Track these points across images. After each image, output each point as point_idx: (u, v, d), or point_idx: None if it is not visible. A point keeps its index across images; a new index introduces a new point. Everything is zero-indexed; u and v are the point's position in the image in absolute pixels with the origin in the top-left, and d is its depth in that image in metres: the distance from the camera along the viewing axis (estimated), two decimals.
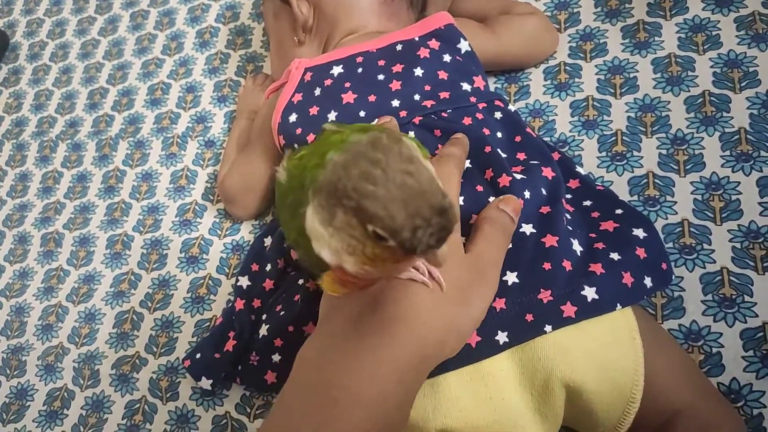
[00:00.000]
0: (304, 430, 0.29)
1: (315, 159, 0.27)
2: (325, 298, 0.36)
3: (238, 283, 0.55)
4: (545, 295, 0.38)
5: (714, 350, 0.44)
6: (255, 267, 0.55)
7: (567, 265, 0.39)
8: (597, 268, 0.39)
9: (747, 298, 0.44)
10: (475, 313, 0.34)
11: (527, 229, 0.40)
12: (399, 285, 0.32)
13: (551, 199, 0.42)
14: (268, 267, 0.54)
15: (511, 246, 0.39)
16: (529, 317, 0.37)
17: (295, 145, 0.52)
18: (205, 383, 0.51)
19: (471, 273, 0.34)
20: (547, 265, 0.39)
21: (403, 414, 0.31)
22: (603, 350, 0.38)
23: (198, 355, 0.52)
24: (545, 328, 0.37)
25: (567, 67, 0.58)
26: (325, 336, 0.33)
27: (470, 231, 0.38)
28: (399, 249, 0.23)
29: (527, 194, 0.42)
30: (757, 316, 0.44)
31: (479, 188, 0.42)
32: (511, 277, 0.39)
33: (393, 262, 0.24)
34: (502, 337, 0.37)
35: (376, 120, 0.48)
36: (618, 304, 0.38)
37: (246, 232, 0.62)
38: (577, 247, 0.41)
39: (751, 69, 0.52)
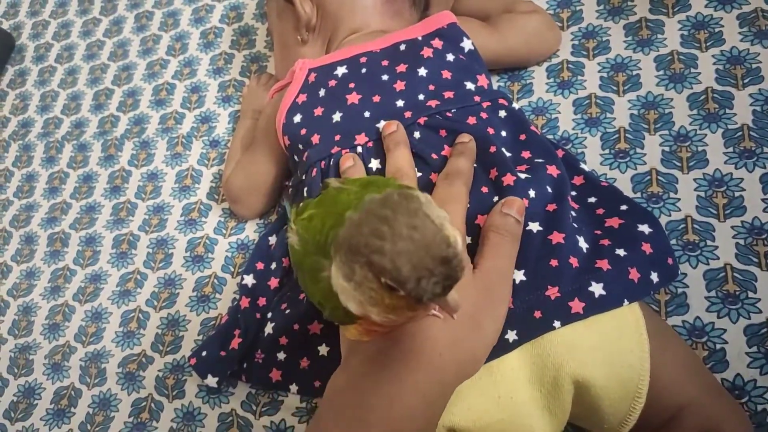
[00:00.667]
0: None
1: (332, 219, 0.28)
2: (345, 338, 0.37)
3: (243, 282, 0.55)
4: (553, 292, 0.38)
5: (718, 346, 0.44)
6: (260, 265, 0.55)
7: (574, 261, 0.39)
8: (603, 264, 0.39)
9: (751, 294, 0.44)
10: (488, 336, 0.35)
11: (534, 227, 0.40)
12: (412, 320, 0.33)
13: (557, 196, 0.43)
14: (273, 265, 0.54)
15: None
16: (538, 314, 0.37)
17: (304, 157, 0.52)
18: (211, 381, 0.52)
19: (481, 295, 0.35)
20: (554, 262, 0.39)
21: (430, 429, 0.33)
22: (611, 346, 0.38)
23: (204, 353, 0.53)
24: (554, 324, 0.37)
25: (570, 65, 0.58)
26: (351, 368, 0.34)
27: (477, 234, 0.39)
28: (409, 298, 0.25)
29: (532, 193, 0.42)
30: (761, 312, 0.44)
31: (484, 189, 0.43)
32: (519, 275, 0.39)
33: (409, 310, 0.26)
34: (511, 335, 0.37)
35: (381, 122, 0.48)
36: (625, 300, 0.39)
37: (251, 231, 0.62)
38: (583, 243, 0.41)
39: (754, 65, 0.52)
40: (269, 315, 0.53)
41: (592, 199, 0.46)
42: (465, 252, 0.27)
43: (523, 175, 0.43)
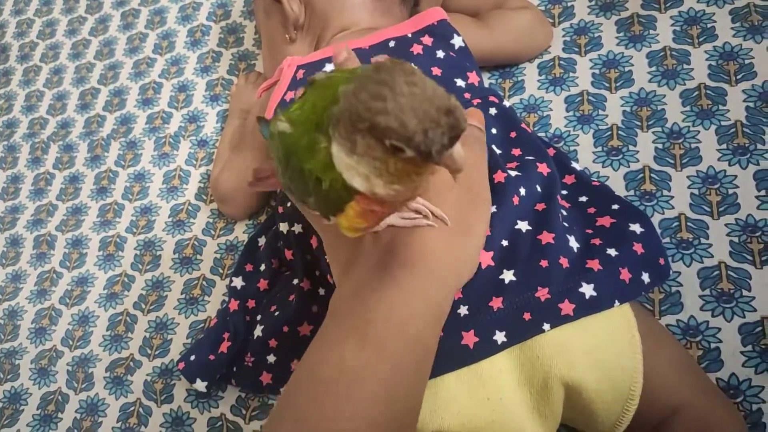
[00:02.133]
0: (340, 348, 0.31)
1: (326, 99, 0.28)
2: (336, 258, 0.37)
3: (232, 284, 0.54)
4: (543, 293, 0.37)
5: (712, 345, 0.43)
6: (249, 267, 0.55)
7: (564, 262, 0.39)
8: (594, 265, 0.39)
9: (745, 293, 0.44)
10: (479, 237, 0.36)
11: (523, 226, 0.40)
12: (407, 231, 0.33)
13: (546, 195, 0.42)
14: (263, 267, 0.54)
15: (507, 244, 0.39)
16: (527, 316, 0.37)
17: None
18: (200, 385, 0.51)
19: (465, 198, 0.35)
20: (544, 263, 0.38)
21: (434, 337, 0.34)
22: (602, 348, 0.37)
23: (192, 357, 0.52)
24: (543, 327, 0.36)
25: (561, 62, 0.58)
26: (350, 281, 0.35)
27: None
28: (417, 156, 0.24)
29: (522, 191, 0.41)
30: (755, 310, 0.43)
31: None
32: (508, 276, 0.38)
33: (416, 174, 0.26)
34: (500, 336, 0.37)
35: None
36: (616, 301, 0.38)
37: (240, 232, 0.61)
38: (573, 243, 0.40)
39: (746, 61, 0.51)
40: (258, 317, 0.52)
41: (584, 198, 0.45)
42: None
43: (513, 173, 0.42)
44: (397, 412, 0.31)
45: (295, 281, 0.51)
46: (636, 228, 0.42)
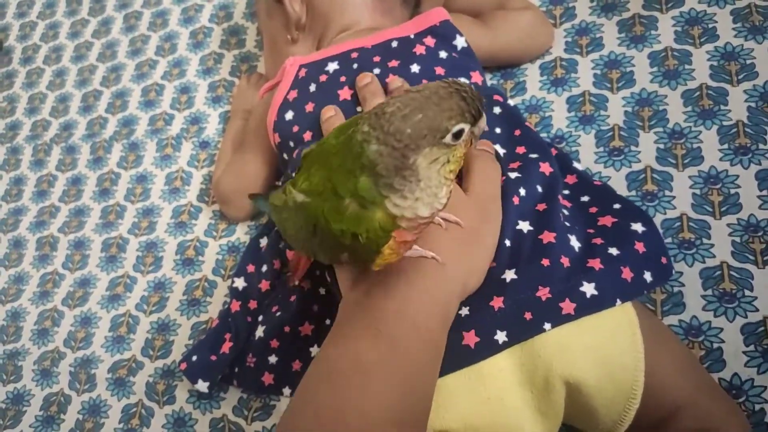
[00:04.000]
0: (355, 344, 0.33)
1: (329, 168, 0.31)
2: (344, 274, 0.38)
3: (234, 285, 0.54)
4: (544, 293, 0.37)
5: (715, 346, 0.43)
6: (251, 268, 0.55)
7: (565, 261, 0.39)
8: (596, 264, 0.39)
9: (747, 293, 0.44)
10: (488, 248, 0.38)
11: (524, 226, 0.40)
12: (420, 240, 0.35)
13: (548, 195, 0.42)
14: (264, 268, 0.54)
15: (509, 244, 0.39)
16: (528, 315, 0.37)
17: (294, 155, 0.51)
18: (202, 386, 0.51)
19: (476, 212, 0.38)
20: (545, 262, 0.38)
21: (443, 336, 0.35)
22: (603, 346, 0.37)
23: (194, 358, 0.52)
24: (544, 326, 0.36)
25: (563, 62, 0.58)
26: (363, 284, 0.36)
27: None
28: (468, 127, 0.29)
29: (522, 192, 0.41)
30: (757, 310, 0.43)
31: None
32: (510, 275, 0.38)
33: (468, 147, 0.30)
34: (501, 336, 0.37)
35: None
36: (618, 300, 0.38)
37: (242, 233, 0.61)
38: (575, 243, 0.40)
39: (748, 61, 0.51)
40: (260, 318, 0.52)
41: (585, 198, 0.45)
42: None
43: (513, 175, 0.42)
44: (412, 405, 0.32)
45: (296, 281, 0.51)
46: (638, 227, 0.42)
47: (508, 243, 0.39)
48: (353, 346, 0.33)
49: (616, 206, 0.44)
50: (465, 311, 0.37)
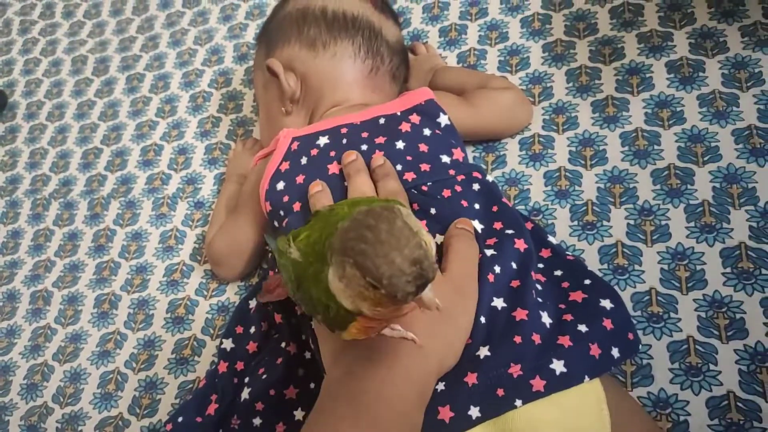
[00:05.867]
0: (337, 424, 0.35)
1: (328, 231, 0.33)
2: (327, 347, 0.41)
3: (222, 346, 0.56)
4: (515, 370, 0.39)
5: (681, 418, 0.45)
6: (239, 329, 0.56)
7: (536, 338, 0.41)
8: (565, 341, 0.41)
9: (712, 367, 0.46)
10: (462, 328, 0.40)
11: (498, 303, 0.42)
12: (395, 319, 0.36)
13: (522, 272, 0.44)
14: (252, 329, 0.55)
15: (484, 321, 0.41)
16: (500, 392, 0.39)
17: (284, 223, 0.54)
18: None
19: (452, 293, 0.40)
20: (517, 339, 0.40)
21: (420, 415, 0.37)
22: (572, 422, 0.39)
23: (180, 419, 0.53)
24: (516, 403, 0.38)
25: (541, 139, 0.61)
26: (344, 363, 0.38)
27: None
28: (388, 296, 0.28)
29: (498, 269, 0.44)
30: (721, 384, 0.45)
31: None
32: (484, 351, 0.40)
33: (393, 304, 0.30)
34: (474, 412, 0.38)
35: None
36: (586, 376, 0.40)
37: (232, 293, 0.63)
38: (546, 319, 0.42)
39: (713, 144, 0.55)
40: (246, 380, 0.53)
41: (558, 272, 0.48)
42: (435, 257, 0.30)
43: (489, 252, 0.45)
44: None
45: (283, 344, 0.52)
46: (606, 303, 0.44)
47: (483, 320, 0.41)
48: (334, 426, 0.35)
49: (587, 282, 0.46)
50: (441, 386, 0.39)
